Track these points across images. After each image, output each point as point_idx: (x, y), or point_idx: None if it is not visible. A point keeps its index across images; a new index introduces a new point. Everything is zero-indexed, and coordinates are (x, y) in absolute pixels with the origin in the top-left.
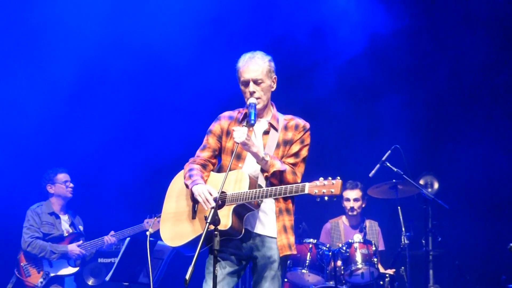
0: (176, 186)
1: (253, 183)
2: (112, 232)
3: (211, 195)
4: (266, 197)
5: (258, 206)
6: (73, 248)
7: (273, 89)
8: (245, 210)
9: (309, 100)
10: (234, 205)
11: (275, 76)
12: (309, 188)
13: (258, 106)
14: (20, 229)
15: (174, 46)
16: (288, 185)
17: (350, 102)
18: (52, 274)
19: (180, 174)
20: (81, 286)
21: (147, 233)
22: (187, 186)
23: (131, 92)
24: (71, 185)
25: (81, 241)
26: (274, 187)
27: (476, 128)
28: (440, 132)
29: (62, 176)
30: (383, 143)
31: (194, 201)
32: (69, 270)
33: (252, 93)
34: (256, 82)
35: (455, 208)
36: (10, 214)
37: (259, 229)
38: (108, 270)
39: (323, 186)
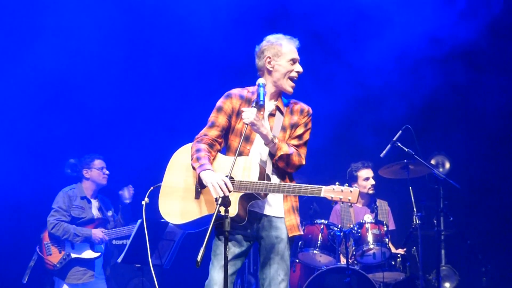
0: (179, 160)
1: (262, 173)
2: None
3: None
4: (278, 192)
5: (265, 196)
6: (97, 232)
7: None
8: (251, 199)
9: (318, 80)
10: (242, 193)
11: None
12: (325, 192)
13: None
14: (45, 209)
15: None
16: (303, 185)
17: (359, 81)
18: (73, 256)
19: (184, 148)
20: None
21: (143, 202)
22: (194, 168)
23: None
24: (107, 172)
25: (109, 228)
26: (288, 184)
27: (486, 107)
28: (451, 111)
29: (98, 162)
30: (393, 124)
31: (200, 181)
32: (90, 254)
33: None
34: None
35: (467, 188)
36: (34, 196)
37: (266, 210)
38: (120, 252)
39: (341, 193)
